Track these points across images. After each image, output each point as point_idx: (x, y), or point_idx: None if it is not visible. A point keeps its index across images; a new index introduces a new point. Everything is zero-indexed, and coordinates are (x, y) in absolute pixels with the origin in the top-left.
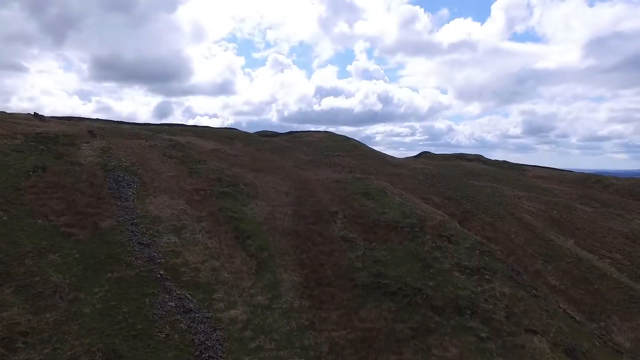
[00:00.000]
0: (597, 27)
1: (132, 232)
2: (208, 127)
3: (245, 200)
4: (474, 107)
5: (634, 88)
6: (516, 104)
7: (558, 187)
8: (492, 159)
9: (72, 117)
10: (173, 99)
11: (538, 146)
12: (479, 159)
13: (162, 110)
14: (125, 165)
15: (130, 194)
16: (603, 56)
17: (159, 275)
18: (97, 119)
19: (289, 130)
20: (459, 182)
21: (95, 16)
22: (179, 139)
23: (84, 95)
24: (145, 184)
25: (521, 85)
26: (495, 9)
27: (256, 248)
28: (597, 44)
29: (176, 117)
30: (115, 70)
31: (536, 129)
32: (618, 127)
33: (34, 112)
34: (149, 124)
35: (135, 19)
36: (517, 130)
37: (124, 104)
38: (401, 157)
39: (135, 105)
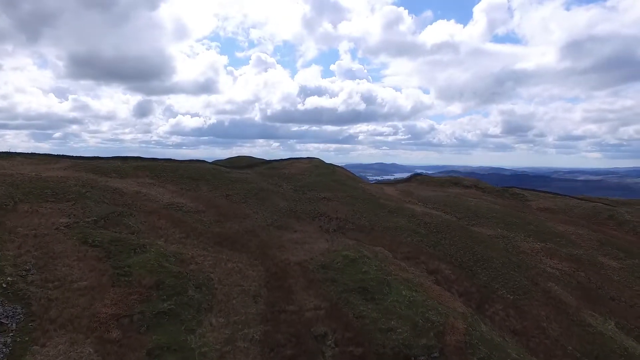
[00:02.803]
0: (573, 30)
1: None
2: (170, 161)
3: (194, 321)
4: (455, 107)
5: (607, 89)
6: (496, 104)
7: (573, 230)
8: (490, 184)
9: None
10: (154, 98)
11: (516, 145)
12: (476, 185)
13: (142, 108)
14: (8, 282)
15: (0, 345)
16: (578, 58)
17: None
18: (33, 153)
19: (268, 159)
20: (466, 234)
21: (71, 13)
22: (126, 186)
23: (60, 93)
24: (34, 316)
25: (501, 85)
26: (477, 11)
27: None
28: (573, 47)
29: (157, 116)
30: (93, 67)
31: (515, 129)
32: (592, 127)
33: None
34: (99, 158)
35: (114, 16)
36: (497, 130)
37: (102, 102)
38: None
39: (114, 103)
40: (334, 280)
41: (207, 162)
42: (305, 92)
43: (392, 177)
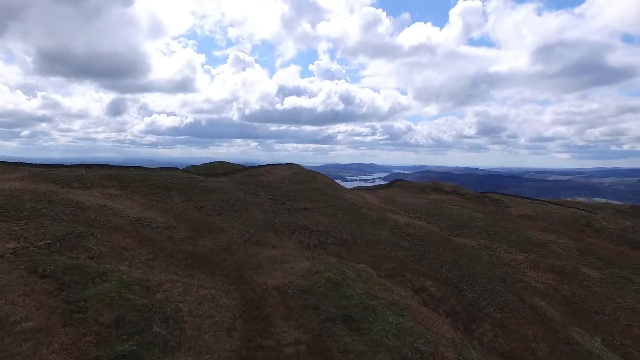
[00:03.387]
0: (544, 35)
1: None
2: (140, 169)
3: None
4: (432, 108)
5: (576, 93)
6: (471, 105)
7: (553, 239)
8: (470, 189)
9: None
10: (127, 96)
11: (490, 146)
12: (456, 191)
13: (116, 107)
14: None
15: None
16: (549, 62)
17: None
18: None
19: (246, 164)
20: (450, 247)
21: (40, 6)
22: (90, 199)
23: (28, 90)
24: None
25: (475, 88)
26: (453, 14)
27: None
28: (544, 51)
29: (131, 115)
30: (63, 64)
31: (489, 130)
32: (561, 129)
33: None
34: (62, 166)
35: (85, 11)
36: (472, 131)
37: (73, 100)
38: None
39: (86, 101)
40: (316, 307)
41: (180, 169)
42: (283, 91)
43: (370, 177)
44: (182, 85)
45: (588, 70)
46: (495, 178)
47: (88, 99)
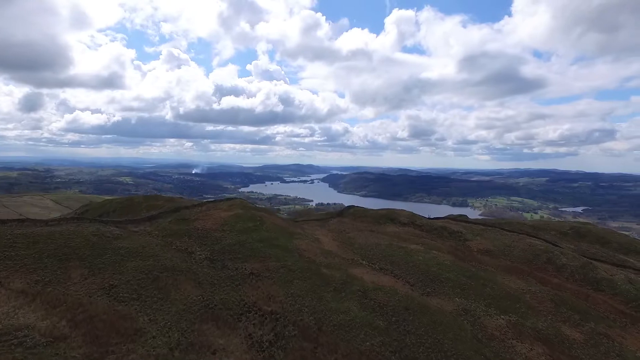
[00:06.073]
0: (469, 46)
1: None
2: (27, 223)
3: None
4: (368, 111)
5: (495, 100)
6: (404, 109)
7: (525, 287)
8: (425, 216)
9: None
10: (45, 91)
11: (421, 148)
12: (413, 222)
13: (30, 102)
14: None
15: None
16: (473, 71)
17: None
18: None
19: (175, 199)
20: (429, 320)
21: None
22: None
23: None
24: None
25: (408, 92)
26: (388, 22)
27: None
28: (469, 61)
29: (49, 111)
30: None
31: (420, 133)
32: (483, 133)
33: None
34: None
35: None
36: (405, 134)
37: None
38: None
39: None
40: None
41: (86, 220)
42: (221, 91)
43: (308, 178)
44: (109, 81)
45: (505, 80)
46: (426, 178)
47: None
